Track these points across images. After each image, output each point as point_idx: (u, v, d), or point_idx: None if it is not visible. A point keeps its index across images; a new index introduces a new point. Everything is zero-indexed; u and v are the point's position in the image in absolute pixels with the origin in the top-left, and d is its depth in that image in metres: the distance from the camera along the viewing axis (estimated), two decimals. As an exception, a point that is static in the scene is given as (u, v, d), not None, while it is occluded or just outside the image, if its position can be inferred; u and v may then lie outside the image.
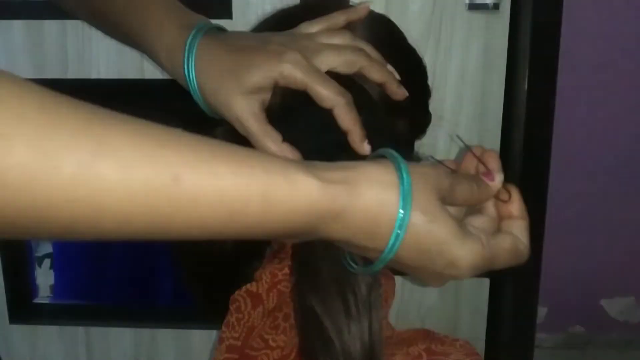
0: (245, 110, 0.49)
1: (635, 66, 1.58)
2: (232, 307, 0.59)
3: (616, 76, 1.58)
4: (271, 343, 0.58)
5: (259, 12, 0.93)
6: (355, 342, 0.45)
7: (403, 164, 0.40)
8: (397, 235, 0.38)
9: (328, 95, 0.48)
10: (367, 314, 0.46)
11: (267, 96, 0.50)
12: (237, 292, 0.60)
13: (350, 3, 0.64)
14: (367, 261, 0.43)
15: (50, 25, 0.97)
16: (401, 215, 0.38)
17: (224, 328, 0.61)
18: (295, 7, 0.61)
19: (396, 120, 0.58)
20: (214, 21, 0.57)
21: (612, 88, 1.59)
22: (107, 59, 0.97)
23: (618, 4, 1.53)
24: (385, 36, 0.59)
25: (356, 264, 0.44)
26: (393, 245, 0.39)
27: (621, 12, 1.54)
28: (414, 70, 0.62)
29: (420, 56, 0.62)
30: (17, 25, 0.97)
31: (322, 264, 0.47)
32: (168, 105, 0.85)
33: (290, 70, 0.48)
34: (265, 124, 0.49)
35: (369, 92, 0.55)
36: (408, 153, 0.61)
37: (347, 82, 0.53)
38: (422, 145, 0.64)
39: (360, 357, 0.46)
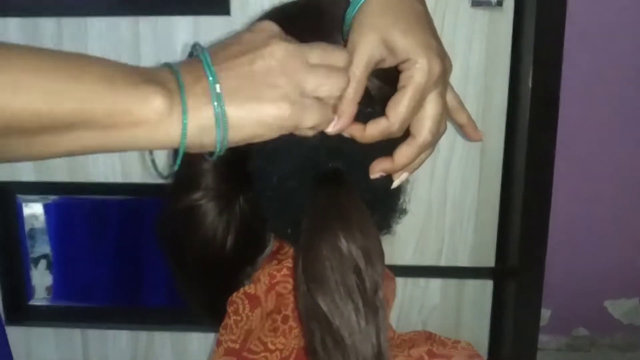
0: None
1: (638, 65, 1.57)
2: (229, 310, 0.59)
3: (620, 75, 1.58)
4: (270, 346, 0.58)
5: (257, 9, 0.93)
6: (367, 343, 0.46)
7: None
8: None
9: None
10: (374, 315, 0.46)
11: None
12: (234, 294, 0.59)
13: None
14: None
15: (46, 23, 0.96)
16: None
17: (221, 331, 0.60)
18: (293, 4, 0.60)
19: None
20: (213, 18, 0.56)
21: (616, 87, 1.58)
22: (103, 56, 0.96)
23: (622, 1, 1.53)
24: None
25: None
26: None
27: (625, 10, 1.53)
28: None
29: None
30: (12, 23, 0.96)
31: (329, 266, 0.46)
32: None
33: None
34: None
35: (369, 89, 0.54)
36: None
37: None
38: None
39: (371, 357, 0.46)
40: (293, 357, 0.57)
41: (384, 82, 0.54)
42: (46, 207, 1.08)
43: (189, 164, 0.57)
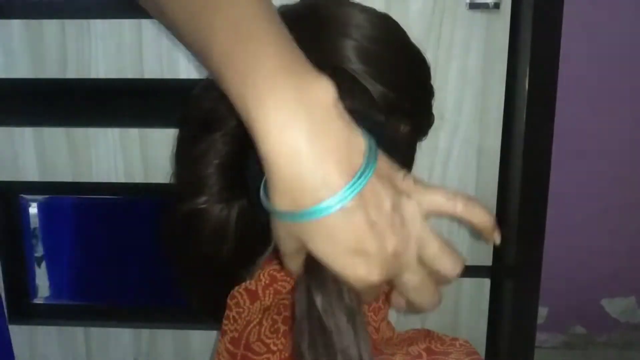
0: None
1: (636, 65, 1.57)
2: (231, 303, 0.60)
3: (617, 75, 1.58)
4: (272, 347, 0.59)
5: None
6: (354, 350, 0.45)
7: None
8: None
9: None
10: (360, 323, 0.46)
11: None
12: (236, 289, 0.60)
13: (351, 1, 0.64)
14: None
15: (49, 25, 0.96)
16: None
17: (225, 321, 0.61)
18: (295, 5, 0.60)
19: (398, 122, 0.57)
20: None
21: (614, 87, 1.59)
22: (106, 58, 0.97)
23: (619, 2, 1.53)
24: (388, 35, 0.59)
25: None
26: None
27: (622, 11, 1.53)
28: (418, 70, 0.62)
29: (424, 56, 0.62)
30: (16, 25, 0.97)
31: (328, 271, 0.46)
32: (167, 105, 0.85)
33: None
34: None
35: (371, 92, 0.54)
36: (410, 155, 0.61)
37: (351, 80, 0.53)
38: (422, 146, 0.64)
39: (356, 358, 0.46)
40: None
41: (388, 89, 0.55)
42: (49, 207, 1.09)
43: (193, 168, 0.59)
